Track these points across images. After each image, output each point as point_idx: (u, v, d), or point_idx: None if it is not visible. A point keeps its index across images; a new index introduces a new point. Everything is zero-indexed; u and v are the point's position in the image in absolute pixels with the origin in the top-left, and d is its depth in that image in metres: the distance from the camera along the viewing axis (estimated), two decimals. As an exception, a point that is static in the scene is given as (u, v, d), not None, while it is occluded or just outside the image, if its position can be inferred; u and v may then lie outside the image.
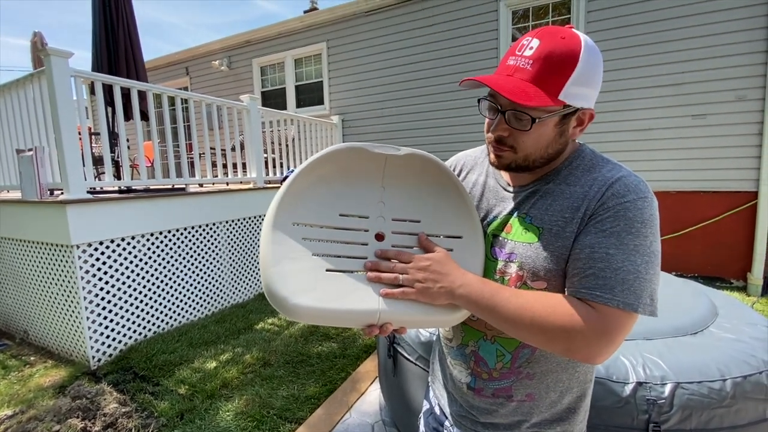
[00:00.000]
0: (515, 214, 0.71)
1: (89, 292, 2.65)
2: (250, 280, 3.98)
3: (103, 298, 2.73)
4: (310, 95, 6.52)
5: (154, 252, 3.06)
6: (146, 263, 3.01)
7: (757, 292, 3.79)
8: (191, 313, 3.39)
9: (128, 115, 3.53)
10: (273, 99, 6.85)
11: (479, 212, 0.77)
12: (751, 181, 3.86)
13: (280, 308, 0.63)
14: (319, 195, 0.69)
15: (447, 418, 0.86)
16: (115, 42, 3.59)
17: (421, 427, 0.95)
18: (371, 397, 2.25)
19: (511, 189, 0.75)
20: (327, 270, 0.65)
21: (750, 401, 1.18)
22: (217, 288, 3.63)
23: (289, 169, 4.85)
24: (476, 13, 5.03)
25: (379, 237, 0.70)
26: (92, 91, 3.22)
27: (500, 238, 0.72)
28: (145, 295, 3.01)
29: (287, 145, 5.08)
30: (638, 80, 4.22)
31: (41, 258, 2.86)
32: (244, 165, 4.24)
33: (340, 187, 0.70)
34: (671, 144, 4.16)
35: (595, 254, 0.60)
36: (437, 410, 0.90)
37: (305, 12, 6.54)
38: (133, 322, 2.93)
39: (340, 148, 0.68)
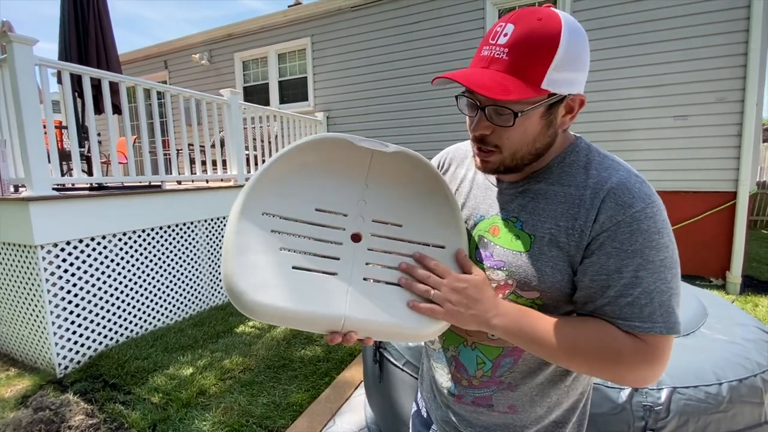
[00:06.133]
0: (504, 215, 0.66)
1: (55, 295, 2.49)
2: (230, 281, 3.84)
3: (70, 302, 2.57)
4: (294, 91, 6.38)
5: (126, 252, 2.90)
6: (118, 264, 2.85)
7: (736, 291, 3.87)
8: (167, 317, 3.23)
9: (99, 108, 3.35)
10: (255, 95, 6.67)
11: (466, 210, 0.72)
12: (730, 182, 3.94)
13: (237, 304, 0.56)
14: (296, 186, 0.63)
15: (433, 422, 0.82)
16: (86, 30, 3.38)
17: (410, 430, 0.92)
18: (356, 404, 2.17)
19: (500, 185, 0.70)
20: (293, 267, 0.59)
21: (746, 405, 1.15)
22: (195, 290, 3.48)
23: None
24: (463, 10, 5.00)
25: (356, 237, 0.64)
26: (60, 82, 3.02)
27: (486, 241, 0.67)
28: (117, 298, 2.85)
29: (270, 142, 4.95)
30: (621, 81, 4.26)
31: (2, 259, 2.67)
32: (224, 162, 4.09)
33: (320, 180, 0.65)
34: (652, 144, 4.21)
35: (624, 279, 0.55)
36: (424, 413, 0.86)
37: (289, 6, 6.40)
38: (104, 327, 2.77)
39: (323, 137, 0.64)
